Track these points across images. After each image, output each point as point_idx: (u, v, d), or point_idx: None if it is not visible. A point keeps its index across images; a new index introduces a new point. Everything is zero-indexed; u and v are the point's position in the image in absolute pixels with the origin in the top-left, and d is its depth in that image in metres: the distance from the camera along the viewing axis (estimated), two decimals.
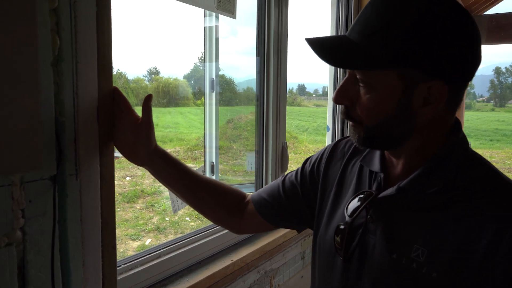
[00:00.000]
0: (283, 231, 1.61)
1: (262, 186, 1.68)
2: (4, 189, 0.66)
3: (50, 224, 0.74)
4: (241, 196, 1.01)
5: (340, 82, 2.30)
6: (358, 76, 0.69)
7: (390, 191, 0.73)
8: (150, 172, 0.92)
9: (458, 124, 0.74)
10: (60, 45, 0.72)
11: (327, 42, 0.71)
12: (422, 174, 0.70)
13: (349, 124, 0.75)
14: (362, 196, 0.76)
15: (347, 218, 0.76)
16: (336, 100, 0.73)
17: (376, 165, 0.80)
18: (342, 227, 0.77)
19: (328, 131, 2.38)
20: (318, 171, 0.92)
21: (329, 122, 2.37)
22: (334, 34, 2.29)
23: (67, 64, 0.73)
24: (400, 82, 0.66)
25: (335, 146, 0.93)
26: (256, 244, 1.47)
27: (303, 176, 0.95)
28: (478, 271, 0.63)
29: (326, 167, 0.90)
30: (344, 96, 0.72)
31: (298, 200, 0.94)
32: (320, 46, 0.70)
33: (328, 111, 2.36)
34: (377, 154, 0.81)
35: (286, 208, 0.95)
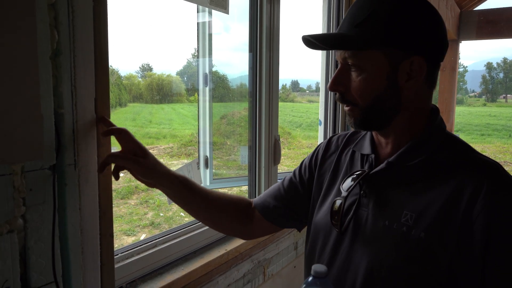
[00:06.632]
0: None
1: (255, 180, 1.71)
2: (5, 178, 0.69)
3: (50, 212, 0.76)
4: (247, 203, 1.06)
5: (332, 75, 2.34)
6: (349, 62, 0.79)
7: (380, 167, 0.82)
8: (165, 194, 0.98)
9: (436, 110, 0.85)
10: (58, 39, 0.75)
11: (321, 35, 0.82)
12: (408, 150, 0.80)
13: (345, 109, 0.83)
14: (356, 174, 0.85)
15: (343, 193, 0.85)
16: (332, 88, 0.82)
17: (367, 149, 0.88)
18: (339, 201, 0.85)
19: (320, 125, 2.42)
20: (315, 165, 1.00)
21: (321, 116, 2.40)
22: (326, 29, 2.32)
23: (65, 57, 0.76)
24: (386, 60, 0.77)
25: (328, 142, 1.01)
26: None
27: (301, 173, 1.02)
28: (459, 228, 0.72)
29: (322, 160, 0.98)
30: (339, 83, 0.81)
31: (299, 197, 1.00)
32: (317, 37, 0.80)
33: (320, 106, 2.39)
34: (368, 139, 0.90)
35: (288, 205, 1.00)
